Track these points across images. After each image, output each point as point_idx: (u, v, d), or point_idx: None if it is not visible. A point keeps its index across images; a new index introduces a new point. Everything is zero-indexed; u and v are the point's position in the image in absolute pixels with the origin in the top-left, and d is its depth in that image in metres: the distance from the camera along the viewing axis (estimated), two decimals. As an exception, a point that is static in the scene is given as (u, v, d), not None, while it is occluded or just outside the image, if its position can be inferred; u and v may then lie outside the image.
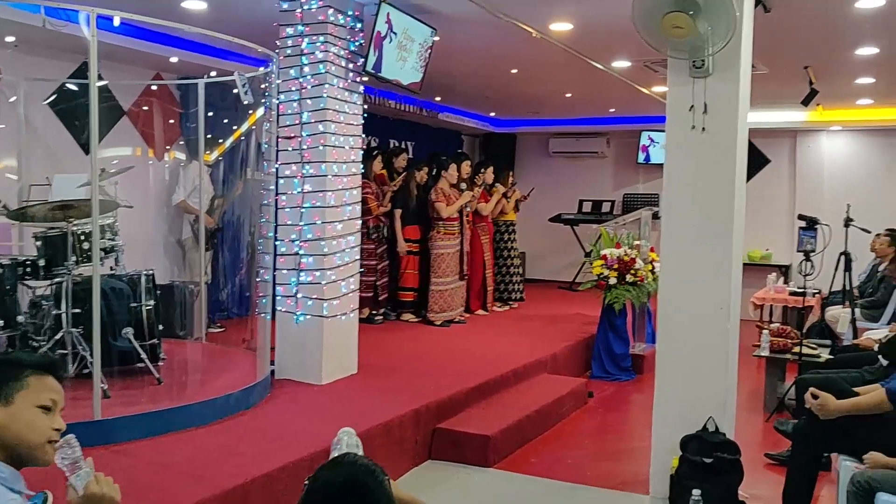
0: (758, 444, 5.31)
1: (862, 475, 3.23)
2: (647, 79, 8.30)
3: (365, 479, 1.64)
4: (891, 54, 7.01)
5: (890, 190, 11.00)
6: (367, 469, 1.67)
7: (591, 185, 12.78)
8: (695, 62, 4.13)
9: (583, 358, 7.58)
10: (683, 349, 4.31)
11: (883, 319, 7.41)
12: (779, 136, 11.44)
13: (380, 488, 1.65)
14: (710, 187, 4.23)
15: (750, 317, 7.89)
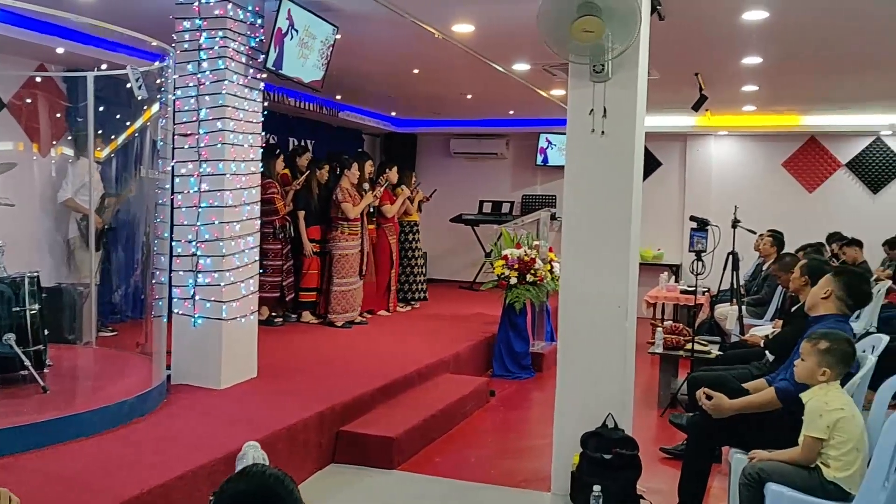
0: (653, 439, 5.48)
1: (752, 467, 3.37)
2: (545, 82, 8.46)
3: (275, 488, 1.60)
4: (773, 64, 7.37)
5: (772, 192, 11.59)
6: (276, 478, 1.62)
7: (491, 185, 12.93)
8: (595, 67, 4.22)
9: (484, 357, 7.66)
10: (583, 347, 4.41)
11: (767, 316, 7.78)
12: (670, 140, 11.88)
13: (290, 497, 1.62)
14: (609, 189, 4.33)
15: (643, 315, 8.15)
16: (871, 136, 11.32)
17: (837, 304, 3.97)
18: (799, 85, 8.59)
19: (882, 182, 11.39)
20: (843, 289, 3.97)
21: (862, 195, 11.48)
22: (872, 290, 7.80)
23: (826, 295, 3.99)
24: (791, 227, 9.66)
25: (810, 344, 3.40)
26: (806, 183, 11.68)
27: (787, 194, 11.64)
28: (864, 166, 11.45)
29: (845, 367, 3.42)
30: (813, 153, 11.63)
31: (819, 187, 11.63)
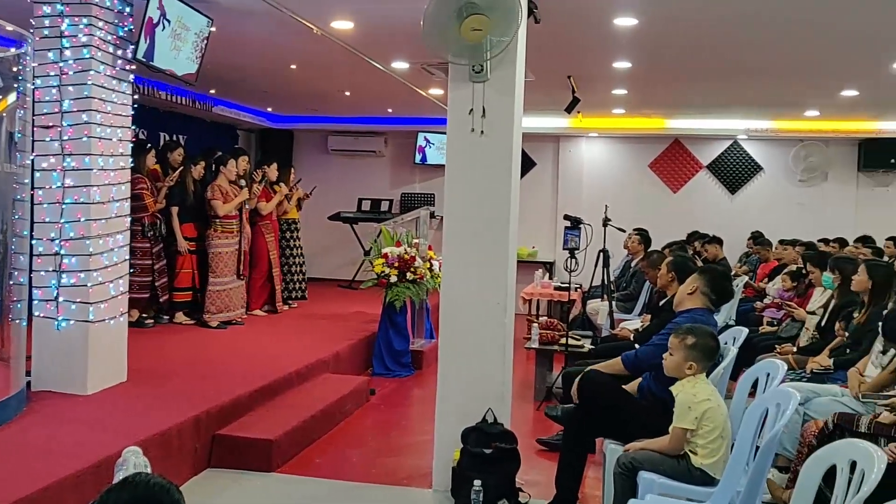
0: (530, 432, 5.61)
1: (626, 456, 3.51)
2: (424, 81, 8.50)
3: (160, 497, 1.53)
4: (641, 69, 7.69)
5: (640, 192, 12.10)
6: (161, 487, 1.55)
7: (369, 183, 12.89)
8: (474, 67, 4.28)
9: (364, 356, 7.62)
10: (464, 343, 4.46)
11: (636, 311, 8.12)
12: (544, 141, 12.19)
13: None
14: (488, 188, 4.40)
15: (520, 311, 8.33)
16: (730, 140, 12.00)
17: (703, 298, 4.20)
18: (665, 90, 9.00)
19: (739, 183, 12.09)
20: (708, 285, 4.21)
21: (721, 195, 12.15)
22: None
23: (692, 291, 4.21)
24: (657, 225, 10.12)
25: (678, 339, 3.56)
26: (671, 183, 12.26)
27: (653, 194, 12.18)
28: (723, 168, 12.12)
29: (710, 360, 3.61)
30: (677, 155, 12.22)
31: (683, 187, 12.23)
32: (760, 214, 11.70)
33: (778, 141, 11.80)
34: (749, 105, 10.05)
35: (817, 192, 11.87)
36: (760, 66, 7.31)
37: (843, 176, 11.79)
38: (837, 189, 11.81)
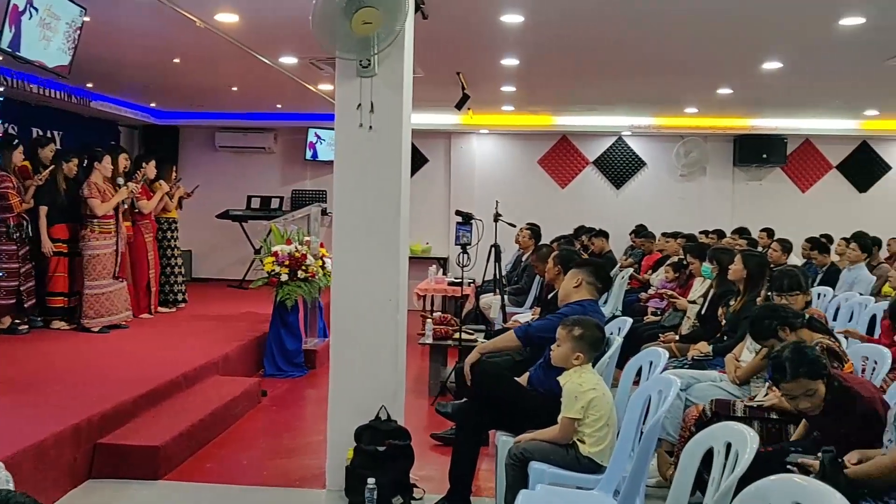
0: (424, 427, 5.61)
1: (516, 448, 3.56)
2: (313, 77, 8.39)
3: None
4: (528, 67, 7.83)
5: (530, 188, 12.33)
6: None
7: (259, 180, 12.62)
8: (361, 62, 4.24)
9: (255, 357, 7.46)
10: (356, 341, 4.42)
11: (527, 304, 8.26)
12: (435, 137, 12.24)
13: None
14: (378, 184, 4.37)
15: (415, 307, 8.34)
16: (614, 136, 12.37)
17: (590, 289, 4.32)
18: (552, 87, 9.19)
19: (624, 178, 12.48)
20: (592, 275, 4.33)
21: (607, 190, 12.51)
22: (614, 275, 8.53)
23: (577, 284, 4.32)
24: (547, 220, 10.34)
25: (565, 330, 3.64)
26: (559, 179, 12.53)
27: (542, 190, 12.43)
28: (609, 164, 12.49)
29: (596, 350, 3.70)
30: (564, 151, 12.50)
31: (570, 183, 12.53)
32: (644, 208, 12.12)
33: (660, 137, 12.25)
34: (632, 102, 10.38)
35: (696, 186, 12.39)
36: (642, 64, 7.56)
37: (720, 171, 12.34)
38: (715, 183, 12.36)
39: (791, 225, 10.96)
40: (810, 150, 12.34)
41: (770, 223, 10.97)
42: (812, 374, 3.03)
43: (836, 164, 12.37)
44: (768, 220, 11.17)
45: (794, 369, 3.03)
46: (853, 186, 12.39)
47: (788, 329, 3.78)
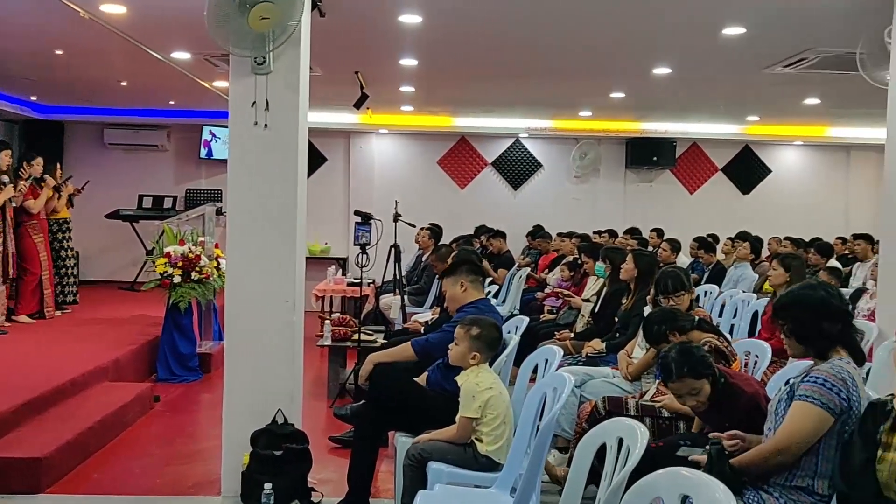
0: (323, 430, 5.56)
1: (415, 448, 3.56)
2: (207, 73, 8.17)
3: None
4: (427, 67, 7.85)
5: (429, 188, 12.38)
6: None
7: (151, 179, 12.21)
8: (256, 59, 4.16)
9: (147, 361, 7.20)
10: (251, 344, 4.33)
11: (427, 304, 8.30)
12: (334, 136, 12.14)
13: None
14: (273, 183, 4.30)
15: (313, 308, 8.24)
16: (512, 138, 12.56)
17: (474, 287, 4.36)
18: (450, 88, 9.25)
19: (521, 179, 12.70)
20: (470, 272, 4.38)
21: (505, 191, 12.70)
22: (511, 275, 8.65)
23: (463, 289, 4.35)
24: (446, 220, 10.40)
25: (463, 330, 3.67)
26: (458, 180, 12.64)
27: (442, 190, 12.51)
28: (507, 165, 12.67)
29: (493, 350, 3.74)
30: (464, 152, 12.62)
31: (469, 184, 12.65)
32: (541, 209, 12.36)
33: (556, 139, 12.51)
34: (529, 105, 10.57)
35: (590, 187, 12.72)
36: (538, 67, 7.70)
37: (613, 173, 12.71)
38: (608, 185, 12.72)
39: (679, 225, 11.41)
40: (697, 154, 12.86)
41: (660, 223, 11.38)
42: (696, 374, 3.17)
43: (721, 166, 12.94)
44: (658, 221, 11.58)
45: (679, 370, 3.17)
46: (737, 188, 12.98)
47: (678, 333, 3.95)
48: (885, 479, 2.26)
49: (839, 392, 2.63)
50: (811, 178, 13.03)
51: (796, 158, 13.04)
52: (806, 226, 11.71)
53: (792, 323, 2.84)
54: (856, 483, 2.32)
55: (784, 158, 13.01)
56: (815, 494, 2.67)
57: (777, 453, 2.70)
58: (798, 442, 2.66)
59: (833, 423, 2.63)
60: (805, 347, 2.84)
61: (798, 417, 2.67)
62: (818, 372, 2.72)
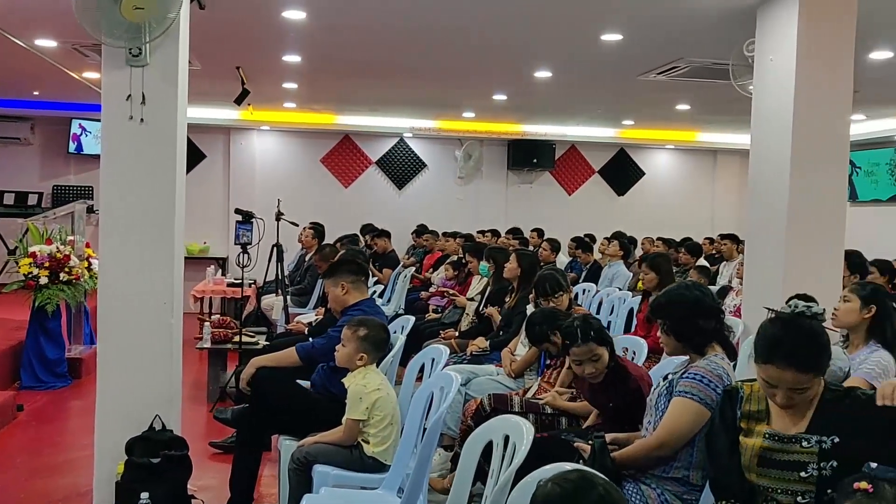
0: (203, 435, 5.39)
1: (300, 451, 3.50)
2: (77, 63, 7.76)
3: None
4: (311, 64, 7.74)
5: (313, 186, 12.23)
6: None
7: (14, 174, 11.49)
8: (132, 50, 3.98)
9: (10, 367, 6.78)
10: (126, 348, 4.14)
11: (310, 305, 8.18)
12: (213, 133, 11.80)
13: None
14: (150, 180, 4.12)
15: (191, 309, 7.97)
16: (396, 138, 12.57)
17: (356, 287, 4.33)
18: (334, 85, 9.15)
19: (406, 179, 12.72)
20: (350, 273, 4.34)
21: (389, 190, 12.69)
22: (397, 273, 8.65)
23: (344, 291, 4.31)
24: (330, 219, 10.30)
25: (350, 331, 3.63)
26: (342, 178, 12.53)
27: (325, 188, 12.38)
28: (391, 164, 12.67)
29: (380, 351, 3.73)
30: (347, 151, 12.52)
31: (353, 182, 12.57)
32: (425, 208, 12.42)
33: (440, 140, 12.60)
34: (413, 105, 10.60)
35: (474, 188, 12.88)
36: (422, 67, 7.73)
37: (495, 174, 12.92)
38: (491, 185, 12.92)
39: (558, 225, 11.73)
40: (575, 156, 13.25)
41: (540, 223, 11.66)
42: (599, 340, 3.38)
43: (598, 168, 13.37)
44: (538, 221, 11.86)
45: (585, 335, 3.36)
46: (613, 190, 13.45)
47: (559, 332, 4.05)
48: (746, 463, 2.39)
49: (716, 388, 2.76)
50: (681, 181, 13.65)
51: (668, 162, 13.63)
52: (677, 226, 12.28)
53: (670, 321, 2.96)
54: (723, 467, 2.44)
55: (656, 161, 13.57)
56: (689, 485, 2.79)
57: (657, 448, 2.81)
58: (677, 437, 2.78)
59: (710, 418, 2.75)
60: (683, 344, 2.96)
61: (677, 413, 2.79)
62: (696, 369, 2.85)
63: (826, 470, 2.25)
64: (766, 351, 2.33)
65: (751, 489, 2.36)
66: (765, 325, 2.41)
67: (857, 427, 2.26)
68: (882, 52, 6.40)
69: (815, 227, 4.73)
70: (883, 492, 1.91)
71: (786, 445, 2.33)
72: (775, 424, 2.38)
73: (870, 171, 11.21)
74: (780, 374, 2.29)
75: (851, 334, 3.77)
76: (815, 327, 2.35)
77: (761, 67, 5.02)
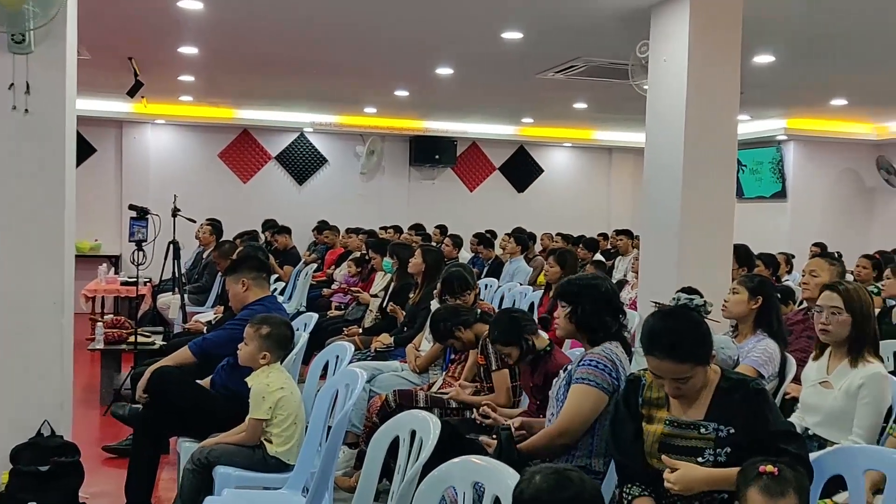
0: (96, 440, 5.18)
1: (200, 453, 3.41)
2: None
3: None
4: (208, 57, 7.54)
5: (210, 182, 11.92)
6: None
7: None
8: (14, 36, 3.78)
9: None
10: (13, 350, 3.94)
11: (209, 303, 7.97)
12: (104, 126, 11.33)
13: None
14: (37, 174, 3.93)
15: (83, 310, 7.64)
16: (296, 132, 12.38)
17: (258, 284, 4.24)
18: (232, 79, 8.95)
19: (306, 174, 12.56)
20: (252, 270, 4.26)
21: (290, 186, 12.50)
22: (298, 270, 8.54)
23: (245, 287, 4.22)
24: (229, 215, 10.08)
25: (253, 329, 3.56)
26: (241, 174, 12.27)
27: (224, 184, 12.09)
28: (291, 160, 12.48)
29: (284, 349, 3.66)
30: (246, 145, 12.26)
31: (253, 178, 12.32)
32: (327, 204, 12.29)
33: (341, 135, 12.49)
34: (314, 99, 10.46)
35: (376, 184, 12.83)
36: (323, 61, 7.64)
37: (397, 170, 12.91)
38: (393, 181, 12.90)
39: (461, 221, 11.82)
40: (477, 153, 13.38)
41: (442, 220, 11.73)
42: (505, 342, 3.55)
43: (499, 165, 13.55)
44: (441, 217, 11.93)
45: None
46: (513, 186, 13.65)
47: (464, 327, 4.10)
48: (648, 449, 2.47)
49: (611, 372, 2.85)
50: (579, 178, 13.98)
51: (565, 159, 13.94)
52: (574, 222, 12.58)
53: (579, 308, 3.01)
54: (627, 452, 2.52)
55: (555, 159, 13.86)
56: (592, 472, 2.87)
57: (560, 435, 2.88)
58: (579, 423, 2.85)
59: (608, 403, 2.83)
60: (582, 334, 3.03)
61: (576, 399, 2.86)
62: (591, 355, 2.93)
63: (721, 456, 2.36)
64: (646, 343, 2.43)
65: (654, 474, 2.45)
66: (648, 319, 2.51)
67: (749, 417, 2.37)
68: (765, 56, 6.72)
69: (706, 222, 4.93)
70: (785, 473, 2.04)
71: (685, 431, 2.42)
72: (674, 411, 2.47)
73: (755, 170, 11.77)
74: (660, 364, 2.38)
75: (740, 324, 3.94)
76: (693, 319, 2.44)
77: (655, 68, 5.19)
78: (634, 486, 2.47)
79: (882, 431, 3.08)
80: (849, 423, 3.05)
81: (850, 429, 3.04)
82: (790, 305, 5.21)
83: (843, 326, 3.15)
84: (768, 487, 2.05)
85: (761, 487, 2.05)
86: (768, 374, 3.67)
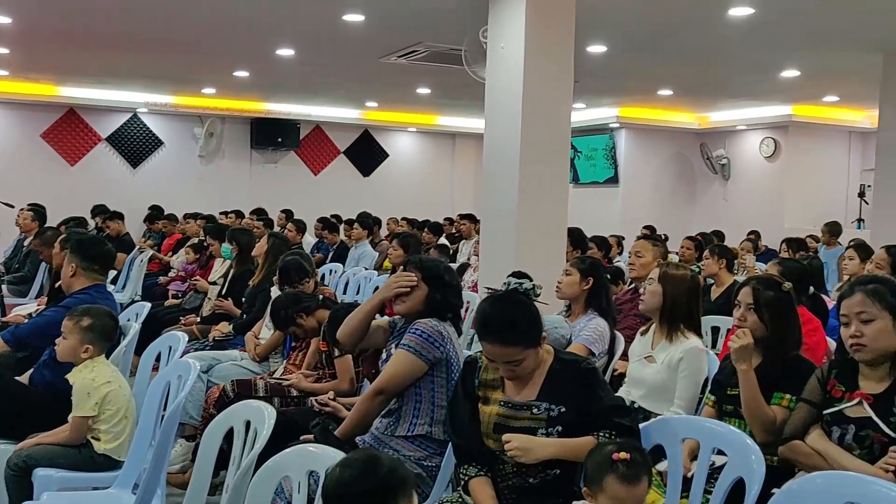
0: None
1: (17, 456, 3.17)
2: None
3: None
4: (22, 26, 6.99)
5: (32, 165, 11.18)
6: None
7: None
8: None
9: None
10: None
11: (32, 294, 7.46)
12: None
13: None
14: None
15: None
16: (129, 113, 11.77)
17: (88, 274, 3.98)
18: (54, 53, 8.37)
19: (141, 157, 11.97)
20: (84, 259, 3.99)
21: (123, 169, 11.87)
22: (132, 258, 8.16)
23: (73, 273, 3.97)
24: (56, 200, 9.47)
25: (72, 322, 3.33)
26: (67, 156, 11.52)
27: (48, 167, 11.32)
28: (124, 141, 11.85)
29: (109, 341, 3.46)
30: (73, 126, 11.53)
31: (81, 160, 11.61)
32: (163, 188, 11.77)
33: (178, 116, 11.98)
34: (147, 78, 9.97)
35: (215, 167, 12.42)
36: (156, 38, 7.28)
37: (238, 153, 12.54)
38: (233, 165, 12.53)
39: (305, 206, 11.65)
40: (321, 136, 13.21)
41: (286, 204, 11.51)
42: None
43: (344, 149, 13.44)
44: (284, 202, 11.70)
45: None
46: (358, 171, 13.59)
47: (305, 314, 4.05)
48: (485, 430, 2.53)
49: (434, 342, 2.94)
50: (423, 163, 14.10)
51: (410, 144, 14.02)
52: (420, 206, 12.69)
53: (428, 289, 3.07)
54: (464, 433, 2.57)
55: (400, 143, 13.90)
56: (433, 440, 2.94)
57: (376, 393, 3.01)
58: (394, 384, 2.98)
59: (428, 370, 2.94)
60: (426, 311, 3.07)
61: (396, 362, 3.00)
62: (420, 324, 3.00)
63: (553, 434, 2.44)
64: (479, 328, 2.50)
65: (490, 455, 2.50)
66: (480, 304, 2.58)
67: (582, 396, 2.46)
68: (598, 46, 7.01)
69: (542, 207, 5.09)
70: (635, 457, 2.10)
71: (518, 412, 2.49)
72: (509, 392, 2.54)
73: (589, 156, 12.30)
74: (492, 348, 2.45)
75: (573, 304, 4.10)
76: (522, 302, 2.52)
77: (494, 55, 5.28)
78: (471, 467, 2.52)
79: (699, 402, 3.29)
80: (670, 395, 3.25)
81: (672, 400, 3.24)
82: (619, 285, 5.47)
83: (654, 297, 3.37)
84: (625, 476, 2.06)
85: (620, 476, 2.07)
86: (598, 351, 3.85)
